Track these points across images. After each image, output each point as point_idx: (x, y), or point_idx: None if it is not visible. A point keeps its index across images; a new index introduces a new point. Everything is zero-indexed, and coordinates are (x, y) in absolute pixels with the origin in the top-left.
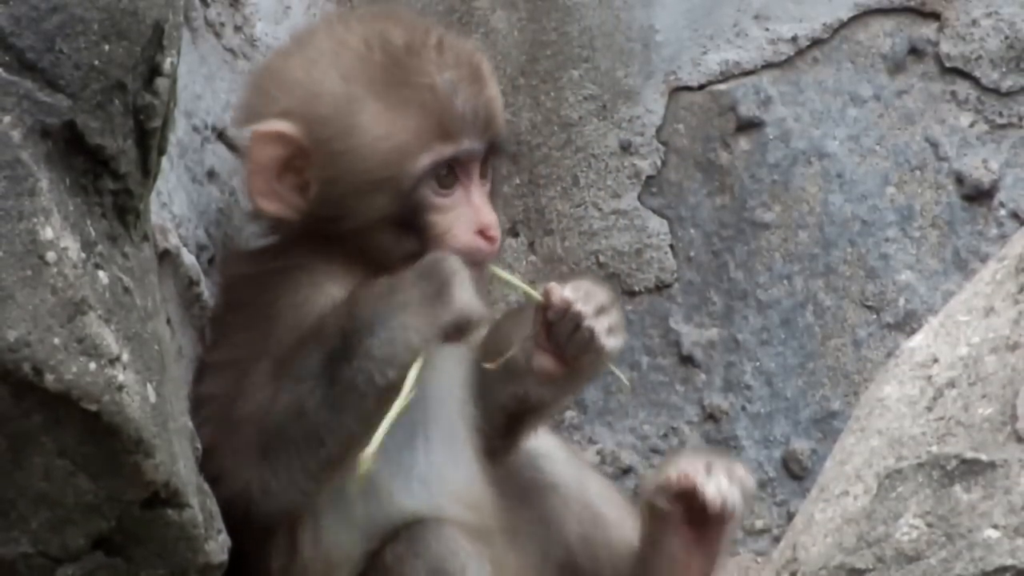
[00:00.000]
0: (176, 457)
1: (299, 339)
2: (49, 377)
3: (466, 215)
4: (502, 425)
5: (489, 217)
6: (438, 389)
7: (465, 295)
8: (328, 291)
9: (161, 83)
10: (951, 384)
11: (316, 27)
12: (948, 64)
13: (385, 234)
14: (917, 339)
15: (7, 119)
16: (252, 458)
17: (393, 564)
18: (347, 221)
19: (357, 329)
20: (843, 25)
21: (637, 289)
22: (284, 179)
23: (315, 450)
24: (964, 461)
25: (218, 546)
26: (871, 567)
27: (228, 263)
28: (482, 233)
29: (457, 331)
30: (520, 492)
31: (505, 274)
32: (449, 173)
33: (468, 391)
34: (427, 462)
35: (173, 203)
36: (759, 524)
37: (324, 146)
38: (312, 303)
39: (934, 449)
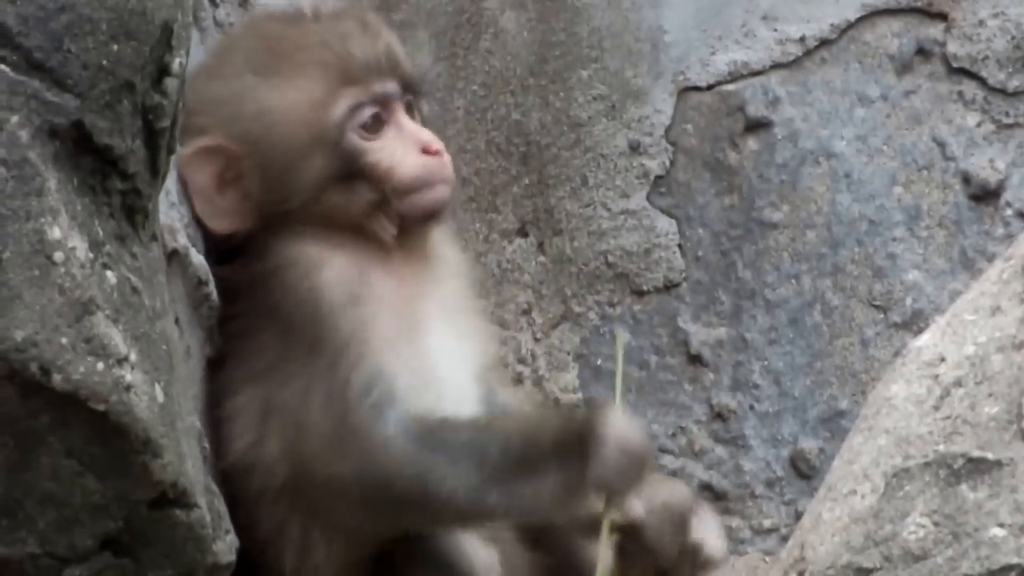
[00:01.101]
0: (184, 457)
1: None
2: (56, 377)
3: (403, 143)
4: None
5: (426, 135)
6: (452, 380)
7: (608, 472)
8: (322, 275)
9: (170, 83)
10: (958, 383)
11: (209, 50)
12: (955, 64)
13: (336, 195)
14: (924, 338)
15: (15, 119)
16: (346, 474)
17: (402, 564)
18: (296, 197)
19: (520, 458)
20: (850, 26)
21: (646, 288)
22: (226, 194)
23: (416, 513)
24: (971, 460)
25: (226, 546)
26: (878, 566)
27: (220, 270)
28: (426, 151)
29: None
30: None
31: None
32: (373, 119)
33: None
34: None
35: (182, 203)
36: (767, 523)
37: (246, 139)
38: (314, 289)
39: (941, 448)
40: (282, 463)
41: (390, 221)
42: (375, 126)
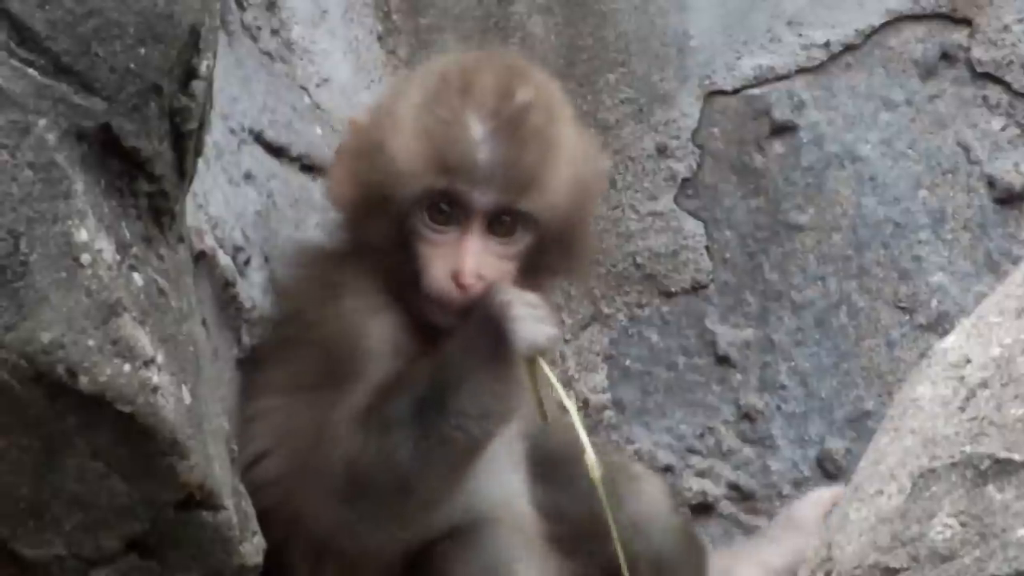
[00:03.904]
0: (211, 459)
1: (378, 391)
2: (83, 379)
3: (447, 256)
4: None
5: (467, 263)
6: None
7: (524, 330)
8: (380, 320)
9: (197, 86)
10: (984, 384)
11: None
12: (979, 69)
13: (394, 256)
14: (950, 340)
15: (43, 122)
16: (336, 505)
17: (440, 562)
18: (369, 236)
19: (443, 386)
20: (875, 31)
21: (673, 290)
22: (353, 168)
23: (406, 498)
24: (997, 461)
25: (253, 548)
26: (905, 566)
27: (295, 254)
28: (456, 279)
29: (533, 359)
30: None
31: (551, 374)
32: (449, 211)
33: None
34: (474, 474)
35: (209, 205)
36: None
37: (366, 149)
38: (366, 331)
39: (967, 449)
40: (278, 486)
41: (420, 305)
42: (443, 217)
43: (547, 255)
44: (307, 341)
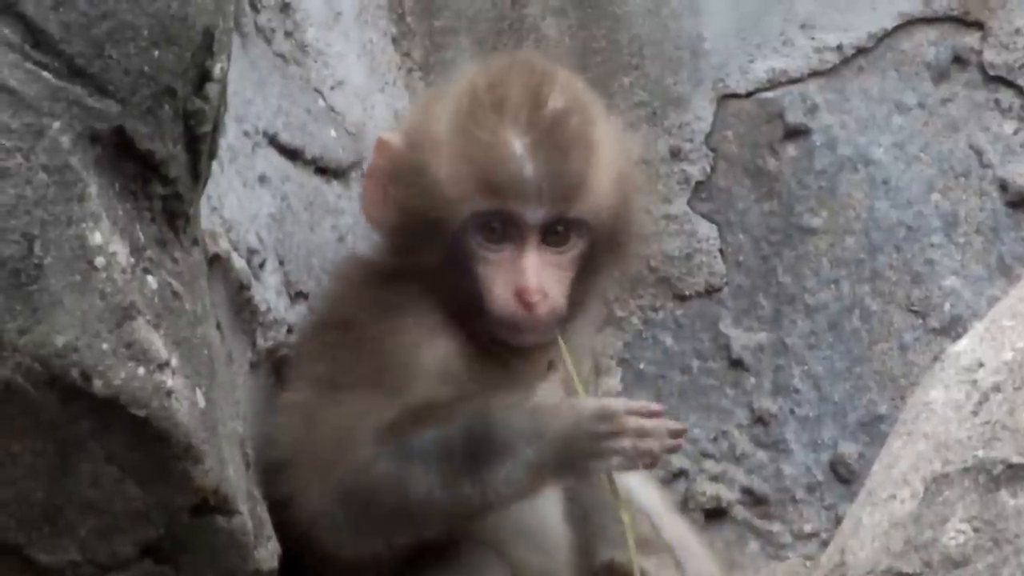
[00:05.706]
0: (225, 463)
1: (414, 412)
2: (97, 383)
3: (508, 274)
4: None
5: (528, 281)
6: None
7: (612, 464)
8: (436, 342)
9: (211, 88)
10: (996, 389)
11: (481, 67)
12: (992, 73)
13: (447, 279)
14: (962, 344)
15: (56, 125)
16: (330, 501)
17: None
18: (415, 258)
19: (484, 448)
20: (887, 34)
21: (687, 293)
22: (391, 191)
23: (402, 525)
24: (1010, 466)
25: (268, 553)
26: (918, 571)
27: (345, 264)
28: (519, 296)
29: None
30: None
31: (568, 358)
32: (501, 230)
33: None
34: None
35: (224, 208)
36: (807, 528)
37: (405, 173)
38: (420, 351)
39: (980, 454)
40: (283, 475)
41: (484, 325)
42: (495, 237)
43: (600, 256)
44: (355, 348)
